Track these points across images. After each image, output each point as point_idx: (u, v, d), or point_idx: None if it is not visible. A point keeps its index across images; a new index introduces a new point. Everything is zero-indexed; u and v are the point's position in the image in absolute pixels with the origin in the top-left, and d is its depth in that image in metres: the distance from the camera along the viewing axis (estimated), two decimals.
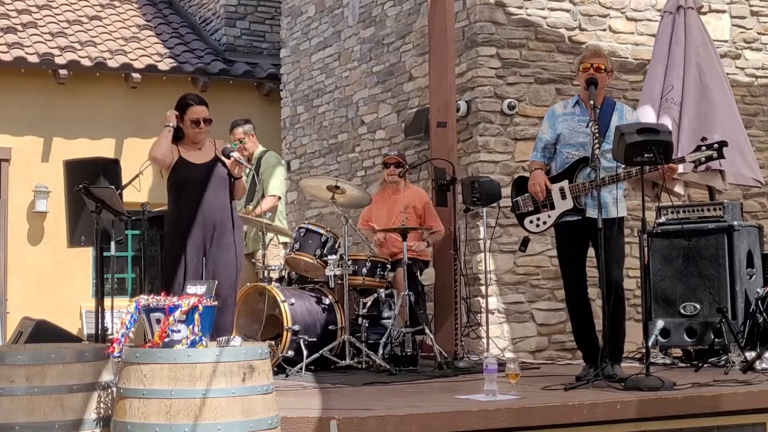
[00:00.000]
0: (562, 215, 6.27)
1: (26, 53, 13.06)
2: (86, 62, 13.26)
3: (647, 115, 7.76)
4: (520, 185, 6.54)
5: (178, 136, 6.31)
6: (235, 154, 6.21)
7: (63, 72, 13.08)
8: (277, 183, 8.26)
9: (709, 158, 6.19)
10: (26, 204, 13.05)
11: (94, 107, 13.34)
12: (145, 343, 4.22)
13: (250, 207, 8.10)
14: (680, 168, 7.54)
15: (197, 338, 4.17)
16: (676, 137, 7.69)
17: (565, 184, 6.22)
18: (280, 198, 8.33)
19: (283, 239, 8.34)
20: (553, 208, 6.30)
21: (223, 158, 6.21)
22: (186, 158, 6.20)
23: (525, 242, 6.88)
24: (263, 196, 8.20)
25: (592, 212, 6.01)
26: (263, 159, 8.36)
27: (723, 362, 6.95)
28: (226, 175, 6.25)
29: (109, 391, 4.33)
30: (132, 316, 4.28)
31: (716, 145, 6.17)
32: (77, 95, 13.30)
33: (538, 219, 6.41)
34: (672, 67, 8.01)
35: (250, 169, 7.46)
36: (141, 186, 7.18)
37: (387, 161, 8.30)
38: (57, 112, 13.18)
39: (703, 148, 6.21)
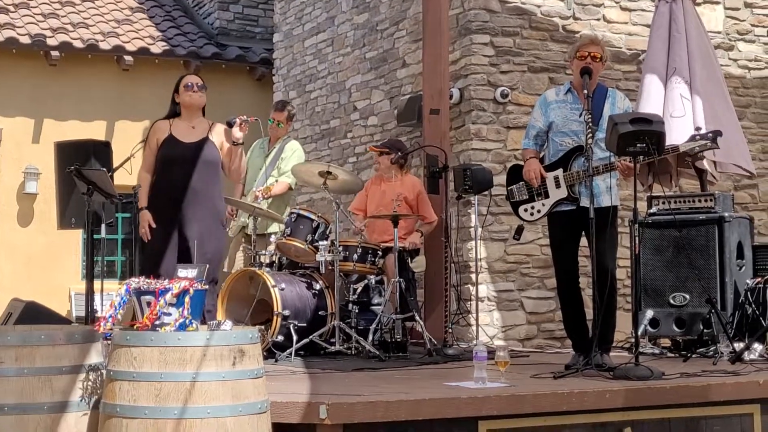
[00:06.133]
0: (557, 204, 6.27)
1: (18, 34, 13.00)
2: (78, 44, 13.21)
3: (650, 104, 7.72)
4: (515, 173, 6.52)
5: (175, 113, 6.30)
6: (241, 117, 6.20)
7: (55, 53, 13.03)
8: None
9: (704, 148, 6.19)
10: (16, 185, 13.01)
11: (85, 89, 13.29)
12: (133, 320, 4.21)
13: (269, 184, 8.10)
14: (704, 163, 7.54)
15: (187, 321, 4.16)
16: (691, 116, 7.66)
17: (559, 172, 6.21)
18: (291, 188, 8.32)
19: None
20: (547, 196, 6.30)
21: (229, 135, 6.19)
22: (175, 136, 6.18)
23: (519, 230, 6.87)
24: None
25: (586, 201, 6.00)
26: (287, 145, 8.35)
27: (711, 353, 6.97)
28: (215, 156, 6.22)
29: (99, 373, 4.32)
30: (122, 298, 4.27)
31: (710, 135, 6.17)
32: (69, 77, 13.25)
33: (533, 207, 6.40)
34: (674, 52, 7.97)
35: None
36: (132, 169, 7.16)
37: (369, 151, 8.33)
38: (48, 94, 13.13)
39: (697, 137, 6.21)
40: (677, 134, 7.29)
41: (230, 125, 6.23)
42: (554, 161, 6.27)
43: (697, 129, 6.44)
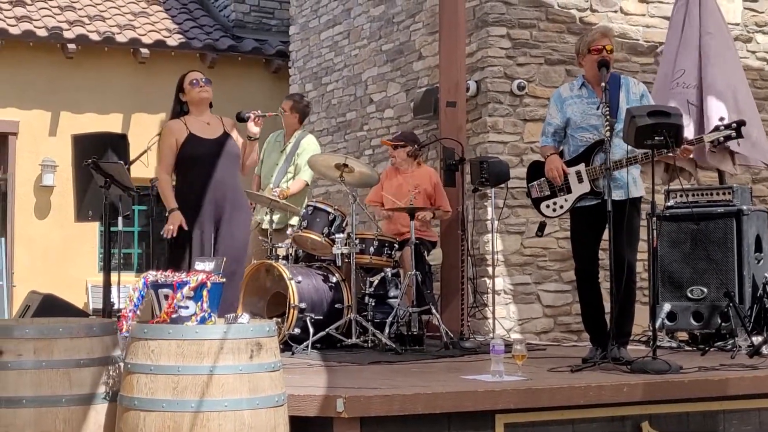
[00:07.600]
0: (579, 199, 6.23)
1: (35, 27, 13.04)
2: (95, 37, 13.24)
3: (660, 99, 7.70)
4: (535, 170, 6.47)
5: (183, 111, 6.28)
6: (255, 112, 6.18)
7: (71, 46, 13.07)
8: (309, 168, 8.10)
9: (728, 138, 6.13)
10: (33, 178, 13.06)
11: (102, 82, 13.32)
12: (152, 319, 4.22)
13: (284, 185, 8.06)
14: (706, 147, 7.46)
15: (207, 315, 4.16)
16: (697, 118, 7.62)
17: (581, 167, 6.17)
18: (308, 184, 8.28)
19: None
20: (569, 191, 6.25)
21: (244, 127, 6.16)
22: (196, 134, 6.15)
23: (542, 227, 6.82)
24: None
25: (612, 194, 5.97)
26: (302, 140, 8.29)
27: (729, 346, 6.94)
28: (237, 150, 6.23)
29: (117, 366, 4.33)
30: (140, 292, 4.27)
31: (734, 125, 6.12)
32: (85, 70, 13.28)
33: (555, 203, 6.36)
34: (684, 51, 7.94)
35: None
36: (148, 161, 7.19)
37: (382, 144, 8.29)
38: (65, 87, 13.17)
39: (722, 127, 6.17)
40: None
41: (242, 119, 6.20)
42: (575, 156, 6.22)
43: (721, 119, 6.37)
